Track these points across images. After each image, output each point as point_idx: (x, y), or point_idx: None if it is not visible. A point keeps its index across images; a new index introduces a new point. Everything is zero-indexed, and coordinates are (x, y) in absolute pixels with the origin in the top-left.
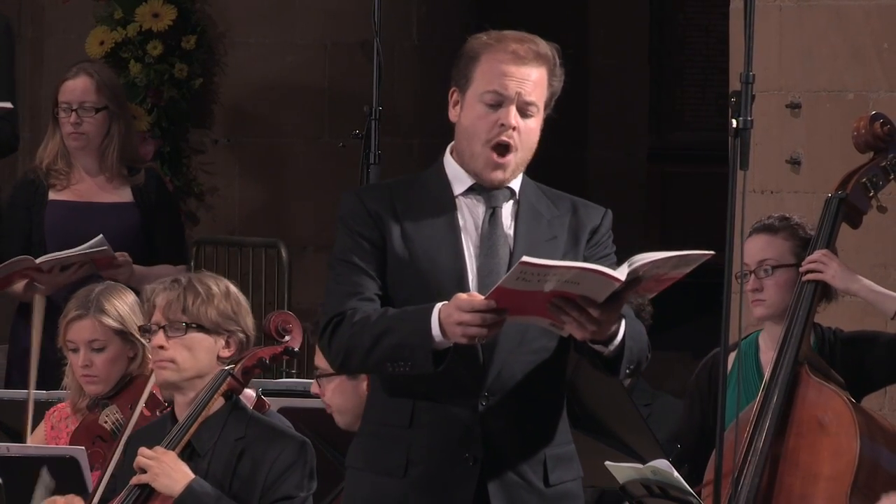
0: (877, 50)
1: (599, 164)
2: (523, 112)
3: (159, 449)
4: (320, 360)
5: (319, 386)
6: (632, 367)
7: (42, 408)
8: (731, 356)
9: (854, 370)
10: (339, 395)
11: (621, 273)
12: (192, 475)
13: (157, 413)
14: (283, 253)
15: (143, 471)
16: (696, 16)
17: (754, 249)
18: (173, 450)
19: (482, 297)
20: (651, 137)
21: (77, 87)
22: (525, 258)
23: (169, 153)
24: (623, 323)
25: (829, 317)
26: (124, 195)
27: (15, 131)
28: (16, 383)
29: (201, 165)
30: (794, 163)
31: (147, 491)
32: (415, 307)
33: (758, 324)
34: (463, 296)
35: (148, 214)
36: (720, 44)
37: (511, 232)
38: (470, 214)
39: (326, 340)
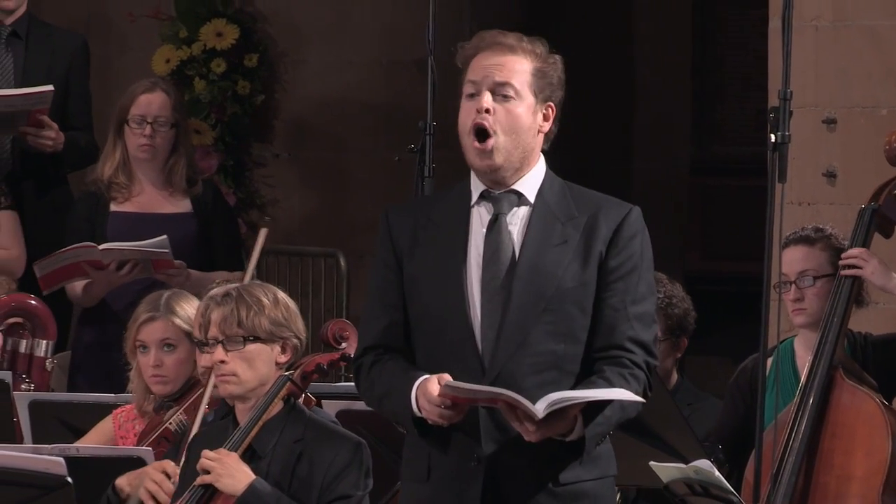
0: None
1: (643, 175)
2: (498, 94)
3: (222, 451)
4: None
5: None
6: (603, 440)
7: (110, 411)
8: (769, 360)
9: (885, 372)
10: None
11: (539, 407)
12: (253, 476)
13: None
14: (342, 262)
15: (207, 472)
16: (736, 35)
17: (793, 261)
18: (235, 451)
19: (441, 388)
20: (693, 151)
21: (153, 102)
22: (447, 383)
23: (232, 167)
24: (580, 421)
25: (859, 322)
26: (183, 206)
27: (94, 142)
28: (80, 387)
29: (263, 178)
30: (830, 176)
31: (210, 491)
32: (404, 376)
33: (793, 329)
34: (432, 383)
35: (206, 224)
36: (759, 62)
37: (519, 237)
38: (479, 223)
39: (356, 377)
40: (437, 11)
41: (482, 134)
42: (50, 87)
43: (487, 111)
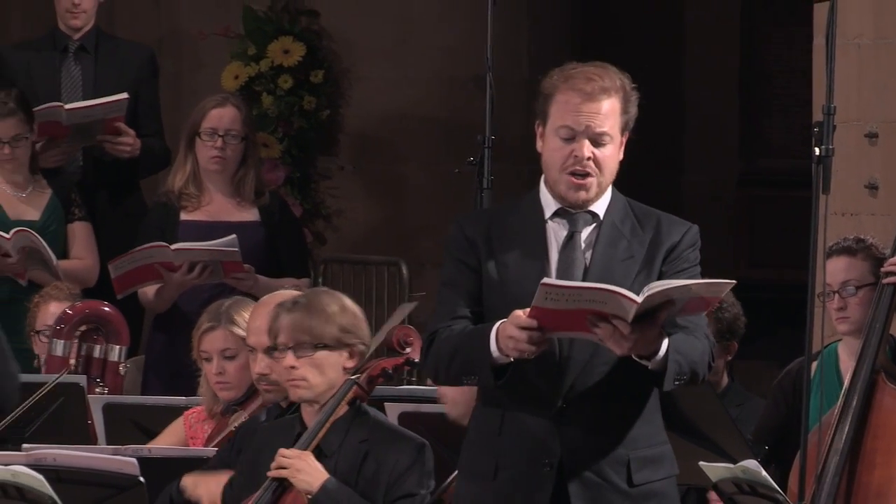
0: None
1: (692, 187)
2: (596, 142)
3: (298, 450)
4: None
5: None
6: (683, 379)
7: (179, 412)
8: (814, 365)
9: None
10: (453, 387)
11: (639, 295)
12: (327, 475)
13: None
14: (404, 270)
15: (282, 468)
16: (782, 53)
17: (836, 271)
18: (304, 451)
19: (539, 290)
20: (740, 164)
21: (225, 116)
22: (545, 280)
23: (298, 178)
24: (666, 341)
25: None
26: (251, 215)
27: (166, 147)
28: (152, 390)
29: (328, 190)
30: (872, 187)
31: (282, 487)
32: (482, 326)
33: (836, 335)
34: (518, 312)
35: (273, 233)
36: (804, 78)
37: (590, 254)
38: (554, 238)
39: (423, 357)
40: (495, 30)
41: (583, 176)
42: (125, 95)
43: (589, 159)
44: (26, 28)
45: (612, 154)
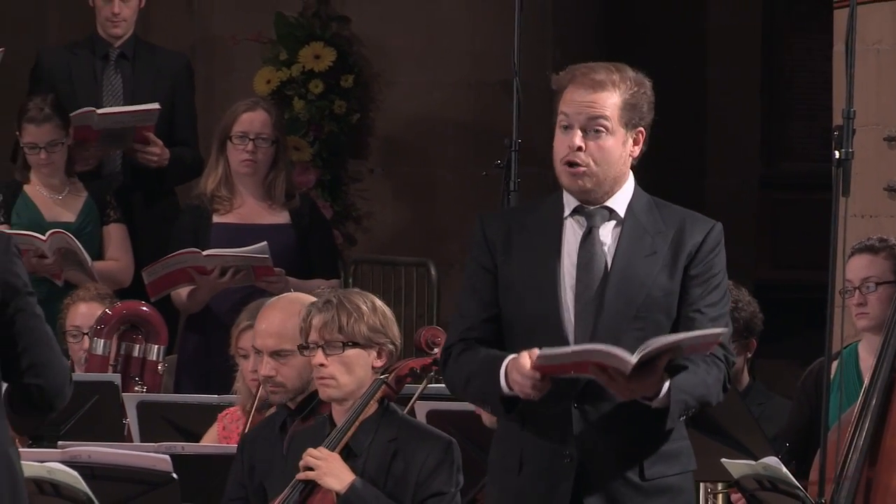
0: None
1: (716, 191)
2: (591, 132)
3: (325, 450)
4: None
5: None
6: (690, 413)
7: (214, 411)
8: (834, 364)
9: None
10: None
11: (634, 356)
12: (354, 476)
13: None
14: (432, 271)
15: (310, 469)
16: (803, 58)
17: (858, 268)
18: (333, 450)
19: (533, 360)
20: (762, 167)
21: (255, 120)
22: (541, 353)
23: (329, 181)
24: (667, 385)
25: None
26: (282, 217)
27: (199, 156)
28: (185, 389)
29: (358, 192)
30: (891, 190)
31: (310, 487)
32: (493, 356)
33: (857, 334)
34: (524, 358)
35: (304, 235)
36: (824, 83)
37: (611, 249)
38: (573, 234)
39: (442, 370)
40: (521, 36)
41: (575, 165)
42: (156, 106)
43: (580, 149)
44: (64, 31)
45: (611, 146)
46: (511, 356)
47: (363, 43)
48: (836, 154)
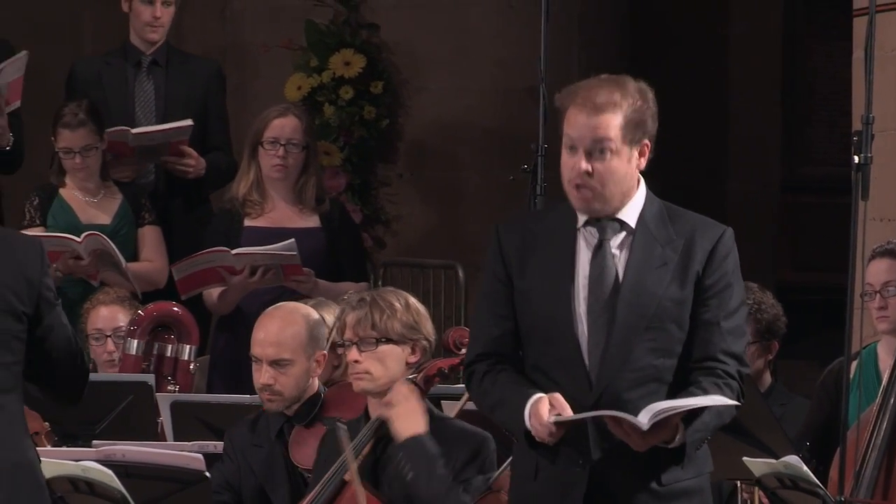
0: None
1: (737, 195)
2: (594, 155)
3: (409, 393)
4: None
5: None
6: (705, 442)
7: (247, 410)
8: (854, 364)
9: None
10: None
11: (644, 419)
12: (425, 428)
13: None
14: (460, 273)
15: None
16: (823, 65)
17: (878, 272)
18: (367, 443)
19: (554, 414)
20: (783, 171)
21: (286, 125)
22: (556, 418)
23: (359, 185)
24: (681, 430)
25: None
26: (312, 221)
27: (233, 161)
28: (216, 389)
29: (387, 196)
30: None
31: (340, 486)
32: (517, 393)
33: (876, 335)
34: (542, 406)
35: (333, 238)
36: (844, 89)
37: (622, 260)
38: (585, 246)
39: (467, 387)
40: (548, 43)
41: (581, 188)
42: (189, 122)
43: (587, 173)
44: (98, 41)
45: (616, 166)
46: (534, 398)
47: (392, 50)
48: (856, 158)
